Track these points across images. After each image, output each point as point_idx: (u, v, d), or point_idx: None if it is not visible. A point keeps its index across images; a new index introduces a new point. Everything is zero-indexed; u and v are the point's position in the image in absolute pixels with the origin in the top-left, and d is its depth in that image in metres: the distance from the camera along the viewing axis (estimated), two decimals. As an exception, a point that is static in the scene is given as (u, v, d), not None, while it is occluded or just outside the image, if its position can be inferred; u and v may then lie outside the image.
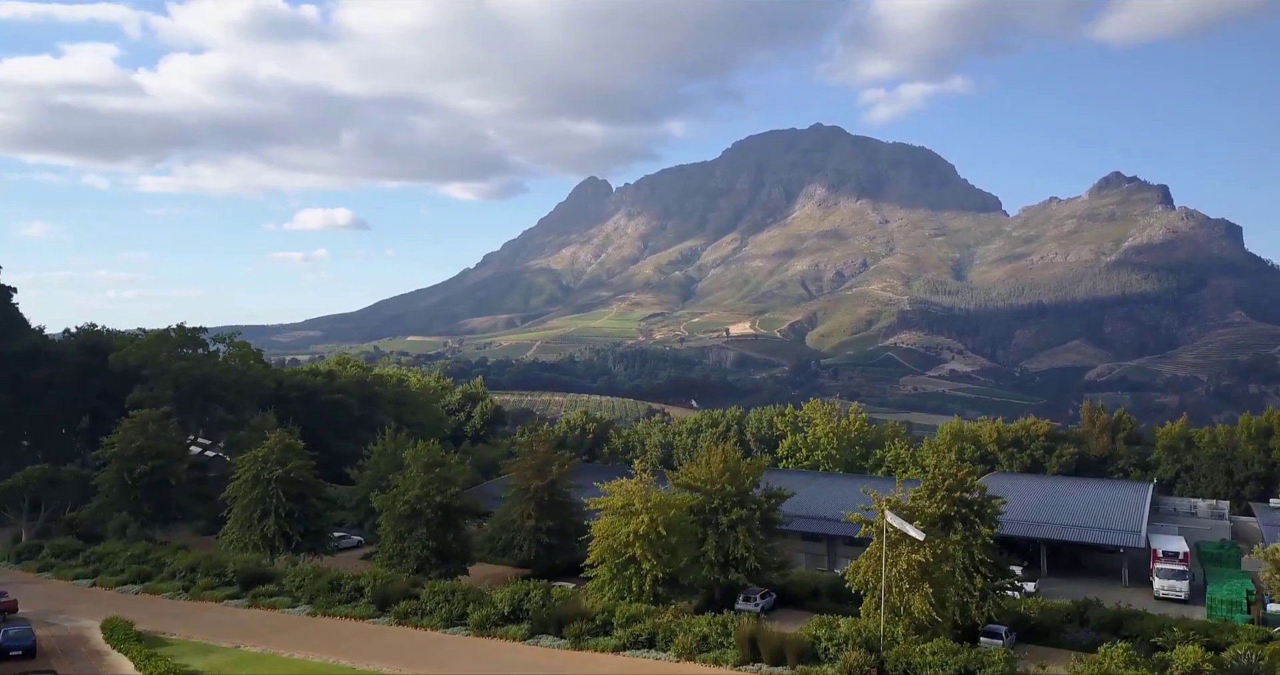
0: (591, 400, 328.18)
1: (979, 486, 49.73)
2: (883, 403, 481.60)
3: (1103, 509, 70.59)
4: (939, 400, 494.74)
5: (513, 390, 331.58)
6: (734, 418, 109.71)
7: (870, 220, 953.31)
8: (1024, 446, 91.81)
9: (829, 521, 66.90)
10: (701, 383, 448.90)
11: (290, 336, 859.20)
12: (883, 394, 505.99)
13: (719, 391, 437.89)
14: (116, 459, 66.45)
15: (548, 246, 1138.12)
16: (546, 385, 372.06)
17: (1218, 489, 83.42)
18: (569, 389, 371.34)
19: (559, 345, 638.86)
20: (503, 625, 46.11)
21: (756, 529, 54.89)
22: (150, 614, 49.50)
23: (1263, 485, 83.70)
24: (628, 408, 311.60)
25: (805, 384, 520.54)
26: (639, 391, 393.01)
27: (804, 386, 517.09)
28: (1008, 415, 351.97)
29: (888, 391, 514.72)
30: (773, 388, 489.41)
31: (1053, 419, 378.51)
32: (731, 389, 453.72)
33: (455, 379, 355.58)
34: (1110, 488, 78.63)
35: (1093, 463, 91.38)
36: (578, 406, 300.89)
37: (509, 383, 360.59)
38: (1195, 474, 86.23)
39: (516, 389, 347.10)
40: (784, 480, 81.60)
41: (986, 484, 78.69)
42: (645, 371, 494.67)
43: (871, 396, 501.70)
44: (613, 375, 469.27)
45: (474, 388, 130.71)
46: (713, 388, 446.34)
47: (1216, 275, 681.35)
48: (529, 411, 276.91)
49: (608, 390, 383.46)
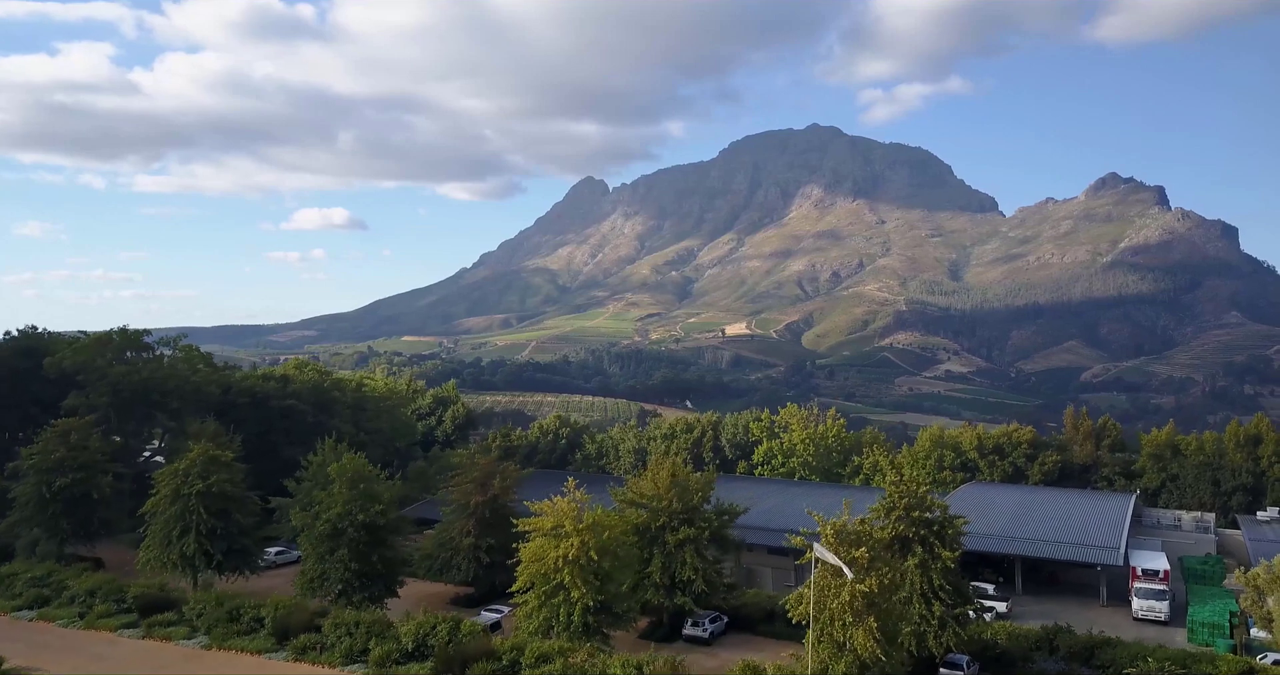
0: (584, 401, 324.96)
1: (939, 505, 45.97)
2: (878, 403, 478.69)
3: (1081, 522, 67.02)
4: (935, 401, 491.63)
5: (505, 391, 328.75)
6: (709, 423, 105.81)
7: (867, 220, 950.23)
8: (1005, 454, 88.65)
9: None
10: (696, 383, 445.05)
11: (286, 336, 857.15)
12: (878, 395, 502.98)
13: (714, 392, 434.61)
14: (35, 471, 62.41)
15: (544, 246, 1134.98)
16: (540, 386, 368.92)
17: (1204, 499, 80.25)
18: (562, 389, 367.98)
19: (554, 345, 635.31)
20: (405, 663, 42.11)
21: (705, 549, 51.28)
22: (32, 646, 45.58)
23: (1250, 496, 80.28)
24: (620, 409, 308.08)
25: (800, 384, 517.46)
26: (633, 392, 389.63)
27: (799, 387, 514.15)
28: (1003, 416, 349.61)
29: (883, 392, 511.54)
30: (768, 388, 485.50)
31: (1047, 420, 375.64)
32: (727, 390, 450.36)
33: (439, 380, 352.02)
34: (1091, 499, 75.20)
35: (1076, 471, 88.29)
36: (570, 407, 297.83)
37: (501, 383, 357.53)
38: (1181, 484, 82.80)
39: (509, 390, 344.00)
40: (755, 489, 78.40)
41: (963, 494, 75.75)
42: (640, 372, 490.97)
43: (867, 397, 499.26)
44: (608, 376, 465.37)
45: (445, 391, 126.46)
46: (708, 388, 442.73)
47: (1212, 276, 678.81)
48: (519, 412, 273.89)
49: (602, 391, 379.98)
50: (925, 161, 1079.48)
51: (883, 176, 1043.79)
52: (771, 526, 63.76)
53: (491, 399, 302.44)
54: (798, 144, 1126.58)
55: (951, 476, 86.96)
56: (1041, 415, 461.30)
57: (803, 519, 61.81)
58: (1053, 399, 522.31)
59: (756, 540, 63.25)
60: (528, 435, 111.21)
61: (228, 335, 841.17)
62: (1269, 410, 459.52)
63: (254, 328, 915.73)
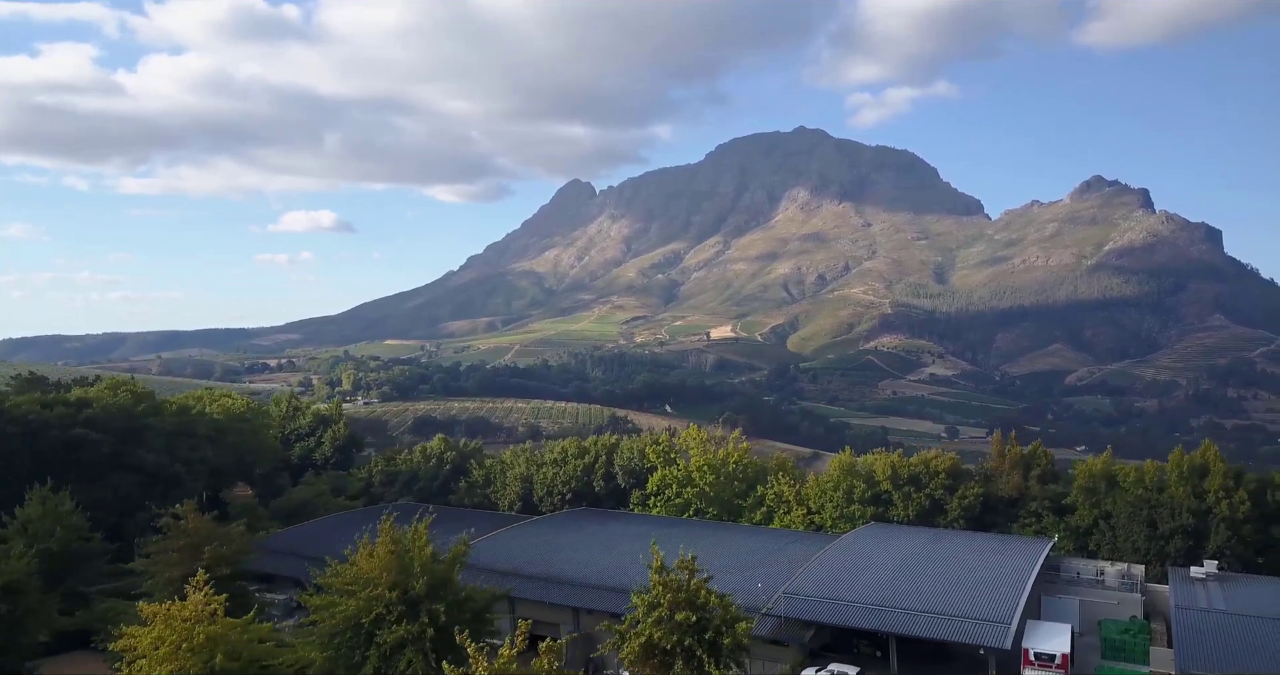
0: (556, 407, 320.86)
1: (720, 599, 36.47)
2: (861, 407, 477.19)
3: (975, 583, 54.72)
4: (918, 404, 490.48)
5: (475, 397, 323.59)
6: (604, 447, 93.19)
7: (853, 223, 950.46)
8: (922, 485, 76.95)
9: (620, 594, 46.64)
10: (677, 387, 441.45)
11: (270, 340, 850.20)
12: (861, 398, 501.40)
13: (695, 396, 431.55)
14: None
15: (530, 249, 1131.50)
16: (513, 391, 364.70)
17: (1138, 543, 68.41)
18: (537, 395, 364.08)
19: (538, 349, 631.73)
20: None
21: (429, 653, 37.57)
22: None
23: (1192, 539, 66.95)
24: (592, 415, 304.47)
25: (783, 388, 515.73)
26: (611, 397, 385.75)
27: (782, 390, 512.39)
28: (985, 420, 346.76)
29: (866, 395, 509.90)
30: (750, 392, 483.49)
31: (1029, 424, 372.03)
32: (709, 393, 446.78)
33: (407, 387, 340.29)
34: (997, 547, 63.00)
35: (1001, 505, 76.67)
36: (541, 414, 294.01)
37: (473, 389, 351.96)
38: (1115, 523, 70.15)
39: (481, 396, 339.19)
40: (626, 529, 70.03)
41: (854, 540, 65.19)
42: (623, 376, 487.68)
43: (850, 401, 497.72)
44: (589, 380, 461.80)
45: (329, 409, 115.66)
46: (689, 392, 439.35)
47: (1196, 279, 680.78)
48: (486, 420, 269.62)
49: (579, 396, 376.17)
50: (912, 164, 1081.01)
51: (869, 179, 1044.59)
52: (609, 585, 54.56)
53: (459, 406, 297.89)
54: (784, 147, 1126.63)
55: (860, 511, 76.75)
56: (1024, 419, 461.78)
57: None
58: (1036, 402, 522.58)
59: (594, 604, 54.44)
60: (410, 456, 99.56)
61: (212, 339, 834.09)
62: (1251, 413, 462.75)
63: (239, 331, 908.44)
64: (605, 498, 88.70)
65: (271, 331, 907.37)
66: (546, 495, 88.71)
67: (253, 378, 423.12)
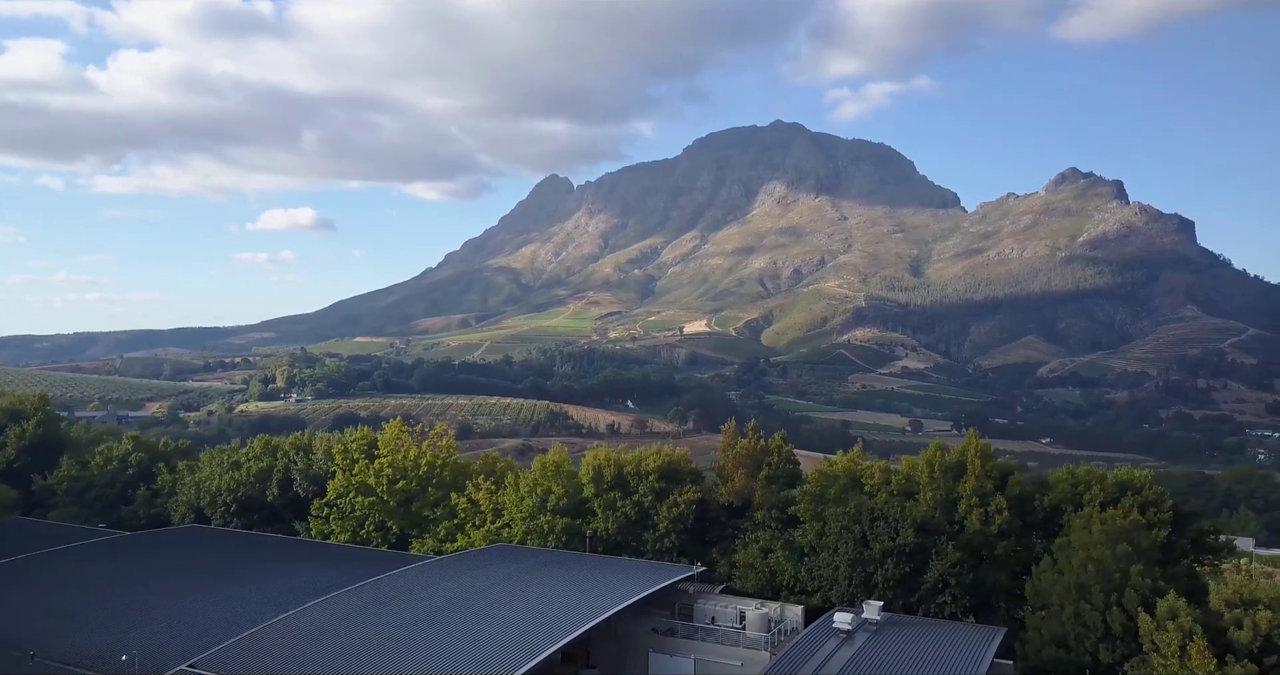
0: (496, 403, 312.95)
1: None
2: (829, 401, 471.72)
3: (504, 632, 40.62)
4: (886, 398, 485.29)
5: (417, 394, 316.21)
6: (295, 447, 78.28)
7: (829, 217, 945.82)
8: (630, 490, 62.47)
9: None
10: (640, 383, 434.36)
11: (245, 338, 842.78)
12: (830, 392, 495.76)
13: (660, 391, 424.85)
14: None
15: (507, 245, 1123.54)
16: (459, 388, 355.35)
17: (839, 570, 52.10)
18: (486, 391, 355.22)
19: (509, 345, 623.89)
20: None
21: None
22: None
23: (910, 565, 49.79)
24: (536, 411, 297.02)
25: (752, 383, 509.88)
26: (569, 394, 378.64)
27: (750, 385, 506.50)
28: (954, 412, 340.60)
29: (835, 389, 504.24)
30: (715, 387, 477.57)
31: (997, 416, 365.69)
32: (675, 388, 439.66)
33: (343, 384, 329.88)
34: (610, 578, 48.35)
35: (722, 514, 62.44)
36: (480, 410, 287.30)
37: (416, 385, 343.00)
38: (825, 542, 53.49)
39: (423, 393, 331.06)
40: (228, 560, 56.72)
41: (419, 571, 50.15)
42: (591, 371, 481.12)
43: (818, 395, 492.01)
44: (551, 376, 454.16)
45: (22, 403, 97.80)
46: (653, 387, 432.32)
47: (1169, 270, 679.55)
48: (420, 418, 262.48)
49: (533, 392, 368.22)
50: (888, 158, 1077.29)
51: (845, 173, 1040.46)
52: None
53: (395, 402, 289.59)
54: (761, 141, 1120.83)
55: (551, 523, 62.15)
56: (993, 411, 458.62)
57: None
58: (1006, 395, 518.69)
59: None
60: (97, 460, 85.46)
61: (186, 338, 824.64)
62: (1220, 404, 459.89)
63: (214, 330, 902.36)
64: (283, 509, 75.74)
65: (246, 330, 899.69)
66: (210, 504, 76.06)
67: (203, 376, 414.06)
